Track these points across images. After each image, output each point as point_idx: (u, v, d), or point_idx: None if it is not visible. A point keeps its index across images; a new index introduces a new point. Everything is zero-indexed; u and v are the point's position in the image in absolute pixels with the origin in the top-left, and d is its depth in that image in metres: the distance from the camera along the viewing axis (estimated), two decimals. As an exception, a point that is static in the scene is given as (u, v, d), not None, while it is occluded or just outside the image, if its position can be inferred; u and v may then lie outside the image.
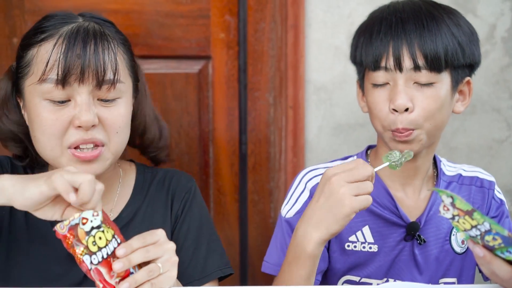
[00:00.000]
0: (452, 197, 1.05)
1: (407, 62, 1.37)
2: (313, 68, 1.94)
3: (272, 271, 1.46)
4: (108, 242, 1.03)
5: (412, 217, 1.47)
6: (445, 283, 1.48)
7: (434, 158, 1.55)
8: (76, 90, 1.24)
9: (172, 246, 1.10)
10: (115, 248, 1.03)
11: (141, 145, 1.51)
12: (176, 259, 1.10)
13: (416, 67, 1.36)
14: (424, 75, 1.37)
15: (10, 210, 1.32)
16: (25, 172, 1.39)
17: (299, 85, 1.92)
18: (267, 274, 1.48)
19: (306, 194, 1.48)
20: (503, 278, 1.09)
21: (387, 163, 1.30)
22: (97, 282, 1.02)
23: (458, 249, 1.50)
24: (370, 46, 1.41)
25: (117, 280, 1.02)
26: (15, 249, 1.32)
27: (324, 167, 1.52)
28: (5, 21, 1.83)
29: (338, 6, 1.92)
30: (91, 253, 1.02)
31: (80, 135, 1.24)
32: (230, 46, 1.92)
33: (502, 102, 2.01)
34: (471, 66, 1.45)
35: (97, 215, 1.03)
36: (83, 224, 1.02)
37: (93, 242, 1.02)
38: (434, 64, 1.37)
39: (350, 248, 1.46)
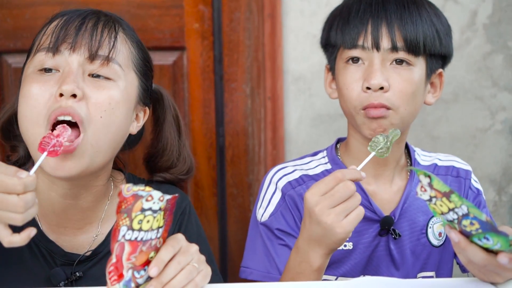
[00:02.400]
0: (430, 177, 1.01)
1: (385, 42, 1.34)
2: (291, 57, 1.91)
3: (254, 276, 1.42)
4: (150, 229, 0.99)
5: (386, 210, 1.43)
6: (423, 277, 1.45)
7: (407, 148, 1.51)
8: (66, 59, 1.18)
9: (196, 248, 1.07)
10: (151, 239, 0.99)
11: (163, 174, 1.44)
12: (203, 257, 1.08)
13: (394, 48, 1.34)
14: (402, 56, 1.35)
15: None
16: None
17: (277, 75, 1.89)
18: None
19: (278, 195, 1.44)
20: (478, 264, 1.06)
21: (373, 153, 1.25)
22: (113, 256, 0.99)
23: (435, 242, 1.46)
24: (347, 24, 1.38)
25: (130, 265, 0.98)
26: None
27: (293, 166, 1.48)
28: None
29: (315, -6, 1.89)
30: (130, 228, 0.98)
31: (59, 104, 1.14)
32: (204, 37, 1.89)
33: (485, 90, 1.98)
34: (444, 58, 1.43)
35: (162, 200, 0.99)
36: (147, 200, 0.98)
37: (139, 220, 0.98)
38: (412, 46, 1.34)
39: None
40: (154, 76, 1.50)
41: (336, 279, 1.43)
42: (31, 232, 1.00)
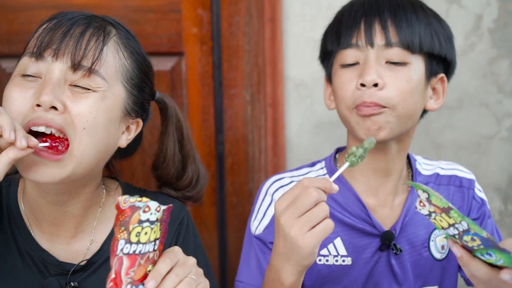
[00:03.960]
0: (428, 192, 0.99)
1: (378, 38, 1.32)
2: (292, 63, 1.88)
3: None
4: (148, 241, 0.97)
5: (386, 225, 1.39)
6: None
7: (408, 157, 1.47)
8: (49, 66, 1.15)
9: (193, 261, 1.04)
10: (148, 251, 0.98)
11: (175, 187, 1.42)
12: (201, 270, 1.06)
13: (388, 43, 1.31)
14: (397, 53, 1.32)
15: None
16: None
17: (278, 81, 1.86)
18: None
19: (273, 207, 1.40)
20: (481, 279, 1.05)
21: (347, 163, 1.17)
22: (112, 271, 0.97)
23: (438, 255, 1.42)
24: (340, 26, 1.37)
25: (129, 280, 0.96)
26: None
27: (290, 177, 1.44)
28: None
29: (316, -1, 1.86)
30: (128, 241, 0.96)
31: (36, 116, 1.12)
32: (203, 42, 1.86)
33: (490, 96, 1.95)
34: (446, 63, 1.40)
35: (159, 211, 0.97)
36: (144, 212, 0.96)
37: (137, 233, 0.96)
38: (407, 42, 1.32)
39: (322, 262, 1.37)
40: None
41: (335, 296, 1.39)
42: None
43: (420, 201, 1.02)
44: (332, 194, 1.13)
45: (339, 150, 1.50)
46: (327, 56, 1.43)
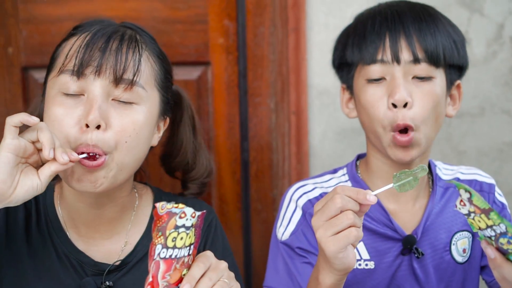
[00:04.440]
0: (470, 192, 1.01)
1: (405, 54, 1.33)
2: (315, 72, 1.90)
3: None
4: (184, 246, 1.01)
5: (407, 229, 1.41)
6: None
7: (428, 163, 1.49)
8: (91, 84, 1.19)
9: (225, 265, 1.08)
10: (184, 256, 1.01)
11: (183, 180, 1.47)
12: (233, 274, 1.09)
13: (416, 60, 1.33)
14: (423, 68, 1.33)
15: (7, 241, 1.27)
16: None
17: (302, 89, 1.88)
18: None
19: (299, 213, 1.43)
20: None
21: (396, 188, 1.13)
22: (150, 274, 1.00)
23: (459, 259, 1.44)
24: (364, 40, 1.37)
25: (165, 284, 1.00)
26: (21, 283, 1.26)
27: (313, 183, 1.47)
28: (0, 31, 1.81)
29: (340, 9, 1.88)
30: (165, 246, 0.99)
31: (85, 138, 1.17)
32: (229, 51, 1.88)
33: (511, 103, 1.96)
34: (461, 69, 1.42)
35: (194, 216, 1.01)
36: (180, 217, 1.00)
37: (173, 238, 1.00)
38: (433, 57, 1.33)
39: None
40: None
41: (357, 299, 1.41)
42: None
43: (461, 201, 1.03)
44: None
45: (360, 157, 1.53)
46: (346, 67, 1.44)
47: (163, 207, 0.99)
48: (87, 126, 1.17)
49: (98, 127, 1.17)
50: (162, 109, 1.30)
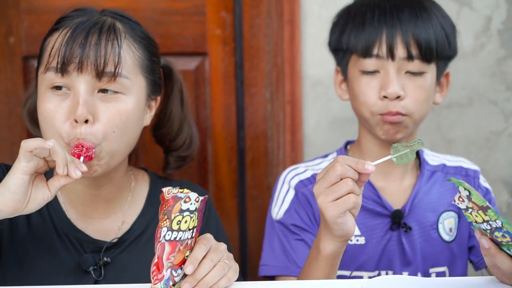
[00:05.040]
0: (469, 191, 1.05)
1: (400, 51, 1.38)
2: (310, 63, 1.94)
3: (272, 271, 1.46)
4: (187, 229, 1.04)
5: (396, 205, 1.48)
6: (436, 272, 1.49)
7: None
8: (75, 80, 1.23)
9: (224, 246, 1.12)
10: (187, 238, 1.05)
11: (167, 149, 1.51)
12: (231, 254, 1.13)
13: (410, 57, 1.38)
14: (416, 65, 1.38)
15: (10, 224, 1.31)
16: None
17: (296, 80, 1.92)
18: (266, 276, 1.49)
19: (291, 193, 1.49)
20: (504, 271, 1.10)
21: (391, 158, 1.18)
22: (155, 255, 1.04)
23: (446, 237, 1.50)
24: (361, 32, 1.41)
25: (169, 265, 1.03)
26: (23, 262, 1.31)
27: (304, 166, 1.54)
28: (1, 20, 1.84)
29: (333, 1, 1.90)
30: (170, 229, 1.03)
31: (74, 134, 1.22)
32: (226, 43, 1.92)
33: (498, 94, 2.01)
34: (450, 59, 1.47)
35: (198, 201, 1.05)
36: (185, 202, 1.03)
37: (178, 221, 1.03)
38: (427, 54, 1.38)
39: None
40: None
41: (350, 274, 1.48)
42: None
43: (460, 197, 1.07)
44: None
45: (349, 142, 1.59)
46: (341, 52, 1.49)
47: (169, 191, 1.03)
48: (76, 121, 1.22)
49: (86, 121, 1.22)
50: (150, 91, 1.35)
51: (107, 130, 1.24)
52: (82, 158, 1.21)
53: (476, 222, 1.09)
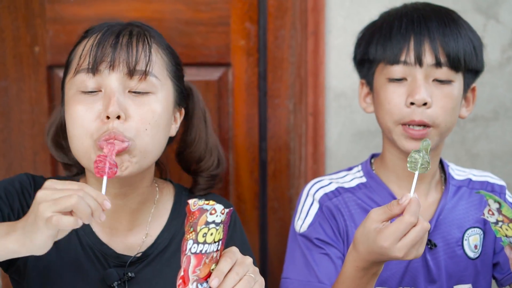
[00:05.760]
0: (499, 203, 1.05)
1: (428, 58, 1.37)
2: (333, 74, 1.93)
3: (294, 285, 1.45)
4: (213, 242, 1.04)
5: None
6: None
7: (441, 163, 1.54)
8: (106, 78, 1.24)
9: (250, 260, 1.11)
10: (213, 251, 1.04)
11: (195, 171, 1.50)
12: (257, 268, 1.12)
13: (438, 64, 1.37)
14: (444, 72, 1.38)
15: None
16: None
17: (319, 92, 1.91)
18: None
19: (315, 206, 1.48)
20: None
21: (417, 172, 1.21)
22: (181, 268, 1.04)
23: (471, 254, 1.48)
24: (389, 40, 1.41)
25: (195, 278, 1.03)
26: (48, 275, 1.30)
27: (329, 179, 1.52)
28: (27, 30, 1.85)
29: (358, 13, 1.91)
30: (196, 241, 1.03)
31: (106, 127, 1.21)
32: (250, 53, 1.92)
33: (525, 108, 1.99)
34: (477, 73, 1.46)
35: (223, 213, 1.04)
36: (211, 214, 1.03)
37: (204, 234, 1.03)
38: (455, 62, 1.38)
39: None
40: (201, 91, 1.58)
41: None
42: (78, 220, 1.02)
43: (489, 210, 1.07)
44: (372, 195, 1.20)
45: (374, 155, 1.58)
46: (367, 63, 1.49)
47: (195, 203, 1.03)
48: (108, 118, 1.22)
49: (118, 117, 1.22)
50: (177, 98, 1.36)
51: (139, 127, 1.24)
52: (115, 149, 1.19)
53: (506, 236, 1.08)
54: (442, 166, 1.55)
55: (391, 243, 1.15)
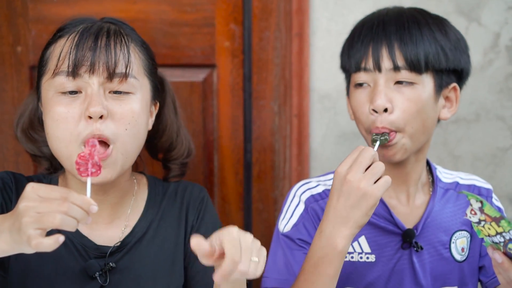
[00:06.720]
0: (481, 202, 1.05)
1: (386, 63, 1.39)
2: (318, 76, 1.94)
3: (276, 283, 1.46)
4: None
5: (408, 224, 1.47)
6: None
7: (429, 164, 1.55)
8: (87, 82, 1.25)
9: (250, 237, 1.12)
10: None
11: (164, 159, 1.53)
12: (258, 241, 1.14)
13: (396, 68, 1.39)
14: (404, 75, 1.39)
15: None
16: (38, 181, 1.38)
17: (304, 93, 1.92)
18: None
19: (301, 207, 1.49)
20: None
21: (378, 142, 1.36)
22: None
23: (458, 257, 1.49)
24: (351, 49, 1.45)
25: None
26: (28, 270, 1.31)
27: (316, 181, 1.53)
28: (9, 29, 1.83)
29: (342, 15, 1.92)
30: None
31: (90, 129, 1.23)
32: (235, 55, 1.92)
33: (506, 110, 2.01)
34: (456, 73, 1.45)
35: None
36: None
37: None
38: (414, 65, 1.39)
39: (347, 259, 1.46)
40: (185, 92, 1.58)
41: (359, 292, 1.46)
42: (59, 238, 1.02)
43: (472, 210, 1.08)
44: None
45: None
46: (346, 73, 1.52)
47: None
48: (90, 118, 1.23)
49: (101, 117, 1.24)
50: (153, 94, 1.38)
51: (120, 126, 1.26)
52: (99, 153, 1.20)
53: (489, 235, 1.08)
54: (430, 168, 1.56)
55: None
